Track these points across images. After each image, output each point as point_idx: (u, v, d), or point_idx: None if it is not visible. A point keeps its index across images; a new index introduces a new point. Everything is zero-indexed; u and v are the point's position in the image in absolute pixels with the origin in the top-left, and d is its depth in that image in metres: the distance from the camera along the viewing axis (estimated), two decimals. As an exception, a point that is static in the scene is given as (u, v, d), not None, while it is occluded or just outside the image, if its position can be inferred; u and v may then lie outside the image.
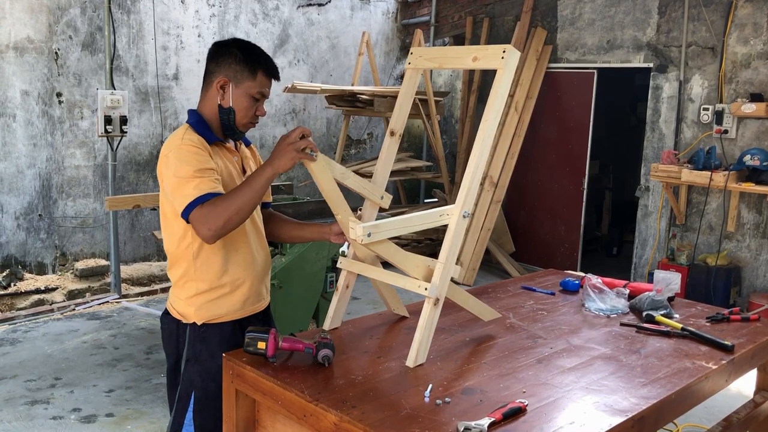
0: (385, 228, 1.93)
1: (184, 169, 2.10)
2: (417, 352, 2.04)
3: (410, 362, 2.03)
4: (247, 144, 2.48)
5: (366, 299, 6.07)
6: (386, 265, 2.26)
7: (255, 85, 2.25)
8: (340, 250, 2.21)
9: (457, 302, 2.27)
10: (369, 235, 1.88)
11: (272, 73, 2.30)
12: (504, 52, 2.05)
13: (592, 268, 6.09)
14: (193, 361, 2.28)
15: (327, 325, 2.34)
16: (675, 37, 6.39)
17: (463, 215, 2.05)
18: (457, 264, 2.11)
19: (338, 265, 2.32)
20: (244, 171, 2.36)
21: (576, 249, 7.47)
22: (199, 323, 2.27)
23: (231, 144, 2.35)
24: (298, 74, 7.81)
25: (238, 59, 2.24)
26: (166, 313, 2.40)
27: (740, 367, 2.35)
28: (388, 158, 2.36)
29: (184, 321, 2.30)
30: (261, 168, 2.08)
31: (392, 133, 2.35)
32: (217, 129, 2.28)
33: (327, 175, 2.09)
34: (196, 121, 2.25)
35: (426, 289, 2.03)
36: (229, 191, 2.10)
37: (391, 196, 2.40)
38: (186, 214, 2.08)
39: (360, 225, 1.87)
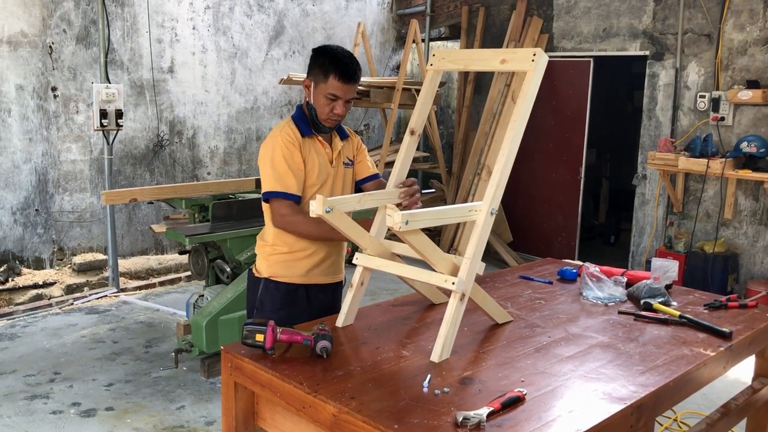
0: (421, 217, 1.95)
1: (275, 159, 2.54)
2: (442, 347, 2.03)
3: (435, 357, 2.03)
4: (344, 137, 2.79)
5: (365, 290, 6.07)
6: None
7: (326, 87, 2.56)
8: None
9: (475, 301, 2.26)
10: (407, 222, 1.89)
11: (344, 77, 2.55)
12: (534, 55, 2.09)
13: (589, 256, 6.09)
14: (260, 309, 2.72)
15: (340, 322, 2.32)
16: (671, 25, 6.37)
17: (491, 212, 2.07)
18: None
19: (354, 261, 2.32)
20: (332, 162, 2.70)
21: (574, 238, 7.47)
22: (269, 278, 2.70)
23: (322, 137, 2.69)
24: (293, 66, 7.78)
25: (318, 63, 2.59)
26: (251, 271, 2.84)
27: (738, 353, 2.36)
28: (407, 157, 2.46)
29: (258, 275, 2.74)
30: (331, 231, 2.27)
31: (412, 132, 2.43)
32: (311, 122, 2.66)
33: (346, 221, 2.13)
34: (298, 116, 2.67)
35: (453, 283, 2.03)
36: (311, 220, 2.35)
37: (414, 179, 2.53)
38: (266, 197, 2.58)
39: (398, 213, 1.87)
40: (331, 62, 2.55)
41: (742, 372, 2.81)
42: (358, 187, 2.83)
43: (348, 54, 2.61)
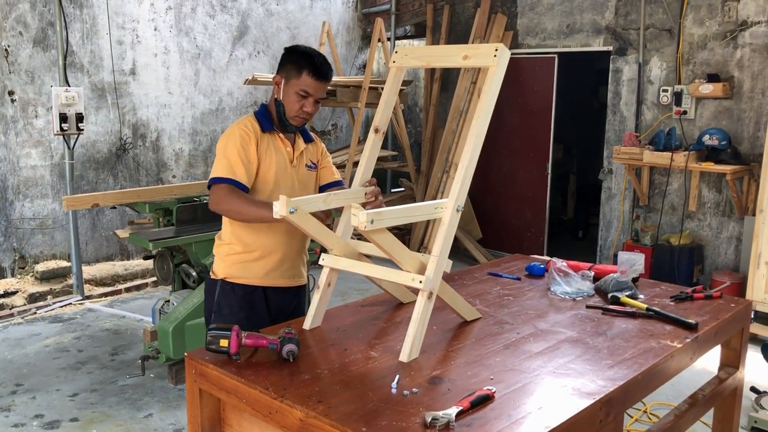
0: (387, 216, 1.93)
1: (228, 149, 2.51)
2: (411, 347, 2.01)
3: (404, 357, 2.00)
4: (308, 140, 2.77)
5: (333, 291, 6.03)
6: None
7: (299, 83, 2.54)
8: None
9: (444, 299, 2.24)
10: (372, 222, 1.86)
11: (318, 74, 2.54)
12: (496, 50, 2.09)
13: (558, 251, 6.15)
14: (217, 313, 2.66)
15: (308, 324, 2.27)
16: (633, 20, 6.44)
17: (457, 209, 2.05)
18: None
19: (320, 263, 2.28)
20: (292, 162, 2.67)
21: (542, 233, 7.52)
22: (225, 279, 2.65)
23: (285, 135, 2.66)
24: (258, 66, 7.70)
25: (292, 59, 2.58)
26: (208, 274, 2.78)
27: (704, 344, 2.38)
28: (372, 155, 2.43)
29: (214, 277, 2.69)
30: (266, 209, 2.27)
31: (376, 131, 2.41)
32: (276, 120, 2.63)
33: (310, 221, 2.08)
34: (261, 112, 2.65)
35: (420, 282, 2.01)
36: (247, 199, 2.44)
37: (375, 179, 2.48)
38: (210, 183, 2.51)
39: (363, 212, 1.84)
40: (306, 59, 2.56)
41: (709, 362, 2.84)
42: (322, 192, 2.78)
43: (321, 55, 2.64)
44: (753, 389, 4.05)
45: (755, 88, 5.72)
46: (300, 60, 2.56)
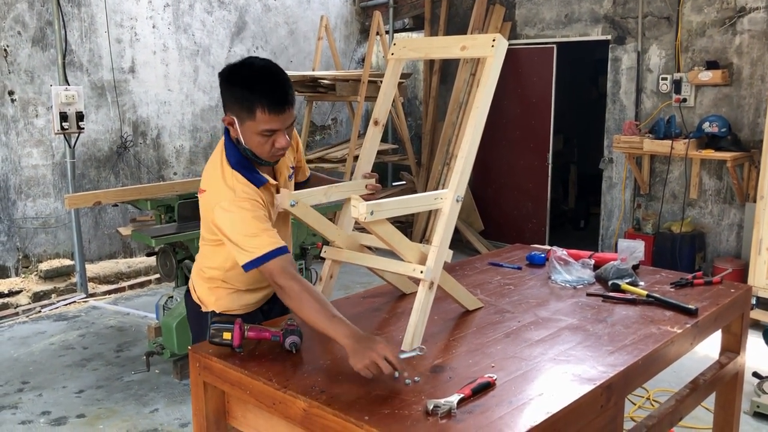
0: (387, 207, 1.94)
1: (249, 228, 2.04)
2: (413, 336, 2.02)
3: (406, 346, 2.01)
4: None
5: (337, 285, 6.05)
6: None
7: (256, 124, 2.05)
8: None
9: (445, 289, 2.26)
10: (372, 213, 1.87)
11: (275, 107, 2.03)
12: (494, 40, 2.08)
13: (560, 242, 6.14)
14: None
15: None
16: (631, 8, 6.43)
17: (456, 199, 2.06)
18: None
19: (322, 255, 2.29)
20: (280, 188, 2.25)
21: (544, 224, 7.53)
22: (217, 311, 2.36)
23: (268, 171, 2.25)
24: (257, 62, 7.69)
25: (236, 97, 2.06)
26: (188, 292, 2.50)
27: (704, 329, 2.39)
28: (371, 148, 2.42)
29: (203, 309, 2.39)
30: (340, 334, 1.88)
31: (376, 123, 2.40)
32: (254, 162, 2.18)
33: (312, 214, 2.09)
34: (237, 162, 2.13)
35: (421, 272, 2.02)
36: (318, 305, 1.95)
37: (377, 175, 2.44)
38: (258, 263, 2.03)
39: (363, 203, 1.85)
40: (253, 94, 2.02)
41: (709, 348, 2.85)
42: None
43: (269, 73, 2.06)
44: (755, 374, 4.07)
45: (754, 74, 5.71)
46: (247, 96, 2.03)
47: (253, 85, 2.03)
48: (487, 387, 1.77)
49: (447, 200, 2.07)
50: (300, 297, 1.97)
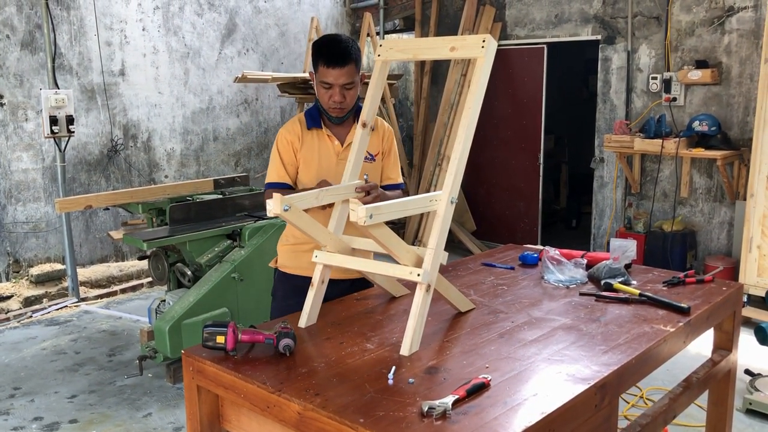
0: (385, 210, 1.93)
1: (273, 154, 2.72)
2: (411, 340, 2.01)
3: (405, 350, 2.01)
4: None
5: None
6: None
7: (320, 76, 2.58)
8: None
9: (438, 290, 2.25)
10: (371, 216, 1.87)
11: (330, 62, 2.53)
12: (484, 41, 2.08)
13: (552, 241, 6.17)
14: (274, 297, 2.84)
15: (303, 322, 2.26)
16: (621, 8, 6.46)
17: (451, 201, 2.06)
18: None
19: (314, 260, 2.27)
20: (339, 155, 2.70)
21: (536, 224, 7.55)
22: (278, 268, 2.82)
23: (334, 129, 2.72)
24: (248, 64, 7.69)
25: (312, 55, 2.61)
26: None
27: (697, 327, 2.40)
28: (360, 150, 2.42)
29: (272, 265, 2.85)
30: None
31: (364, 125, 2.40)
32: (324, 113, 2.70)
33: (303, 218, 2.09)
34: (310, 109, 2.74)
35: (419, 275, 2.02)
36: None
37: (366, 175, 2.47)
38: (265, 187, 2.72)
39: (362, 207, 1.85)
40: (319, 50, 2.57)
41: (702, 345, 2.86)
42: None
43: (337, 38, 2.59)
44: (747, 372, 4.09)
45: (743, 73, 5.75)
46: (315, 53, 2.58)
47: (321, 47, 2.58)
48: (481, 388, 1.77)
49: (442, 202, 2.07)
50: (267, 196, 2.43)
